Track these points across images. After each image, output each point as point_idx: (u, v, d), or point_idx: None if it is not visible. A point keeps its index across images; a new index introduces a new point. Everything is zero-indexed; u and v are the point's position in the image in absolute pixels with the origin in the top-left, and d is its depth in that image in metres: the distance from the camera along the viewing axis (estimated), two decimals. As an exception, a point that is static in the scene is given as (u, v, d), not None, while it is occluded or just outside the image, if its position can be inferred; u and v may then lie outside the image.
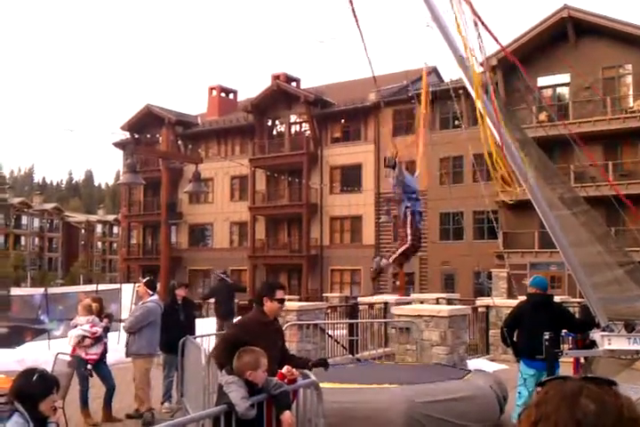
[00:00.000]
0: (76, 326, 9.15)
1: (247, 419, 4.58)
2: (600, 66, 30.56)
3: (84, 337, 8.98)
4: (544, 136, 18.93)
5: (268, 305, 5.63)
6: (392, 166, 8.53)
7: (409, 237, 8.31)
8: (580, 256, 6.07)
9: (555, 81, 31.84)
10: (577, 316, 14.58)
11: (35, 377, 3.99)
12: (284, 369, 5.26)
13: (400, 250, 8.24)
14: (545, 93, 33.07)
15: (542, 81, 31.79)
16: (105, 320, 9.43)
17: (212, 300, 16.32)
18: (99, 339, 9.15)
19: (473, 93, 5.44)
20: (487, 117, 5.42)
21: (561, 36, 30.86)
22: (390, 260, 8.17)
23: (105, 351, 9.28)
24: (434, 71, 40.69)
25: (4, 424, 3.86)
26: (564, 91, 32.62)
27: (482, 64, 5.89)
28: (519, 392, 7.69)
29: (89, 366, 8.99)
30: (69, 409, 8.05)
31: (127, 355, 9.38)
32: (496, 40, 5.10)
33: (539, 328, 6.80)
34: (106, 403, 9.10)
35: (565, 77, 31.61)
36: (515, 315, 7.98)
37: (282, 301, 5.71)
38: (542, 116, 30.43)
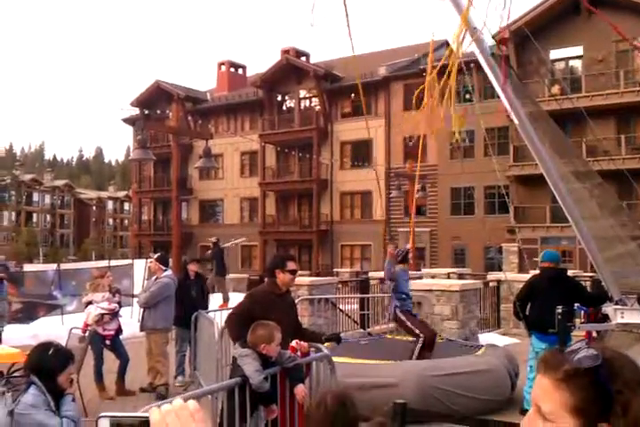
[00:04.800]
0: (90, 303, 9.21)
1: (261, 391, 4.62)
2: (613, 38, 30.12)
3: (102, 315, 9.07)
4: (556, 109, 18.74)
5: (280, 277, 5.64)
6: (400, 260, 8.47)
7: (418, 332, 8.24)
8: (592, 230, 6.03)
9: (567, 54, 31.45)
10: (589, 290, 14.61)
11: (51, 351, 4.03)
12: (294, 342, 5.28)
13: (417, 348, 8.18)
14: (557, 66, 32.70)
15: (554, 54, 31.40)
16: (117, 295, 9.51)
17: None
18: (115, 314, 9.26)
19: (486, 67, 5.36)
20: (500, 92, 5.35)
21: (573, 9, 30.39)
22: (415, 355, 8.15)
23: (120, 326, 9.38)
24: (445, 44, 40.28)
25: (21, 397, 3.91)
26: (577, 64, 32.22)
27: (494, 37, 5.79)
28: (531, 366, 7.71)
29: (107, 342, 9.09)
30: (83, 383, 8.15)
31: (142, 329, 9.45)
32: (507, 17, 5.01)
33: (552, 302, 6.80)
34: (119, 377, 9.20)
35: (578, 50, 31.21)
36: (527, 289, 7.95)
37: (294, 271, 5.71)
38: (555, 90, 30.13)
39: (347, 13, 5.50)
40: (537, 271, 8.32)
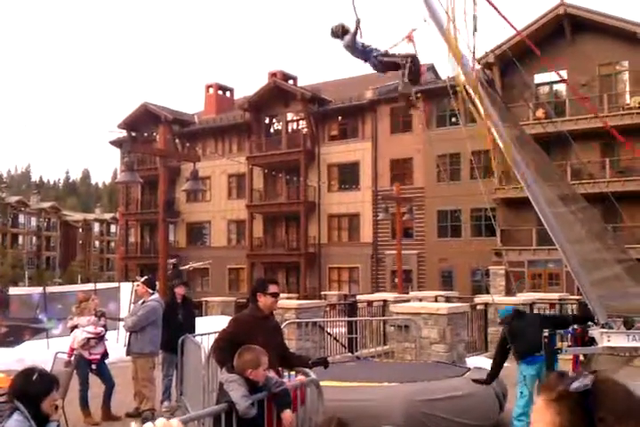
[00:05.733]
0: (76, 327, 9.14)
1: (248, 417, 4.59)
2: (597, 63, 30.57)
3: (88, 339, 9.00)
4: (541, 133, 18.92)
5: (262, 300, 5.65)
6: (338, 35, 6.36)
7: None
8: (578, 253, 6.08)
9: (551, 78, 31.84)
10: (575, 312, 14.65)
11: (35, 376, 3.99)
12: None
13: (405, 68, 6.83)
14: (542, 90, 33.08)
15: (539, 78, 31.79)
16: (102, 319, 9.45)
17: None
18: (101, 338, 9.19)
19: (471, 92, 5.44)
20: (479, 115, 5.42)
21: (558, 33, 30.85)
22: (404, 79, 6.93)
23: (106, 350, 9.30)
24: (431, 69, 40.69)
25: (4, 423, 3.86)
26: (561, 88, 32.62)
27: (478, 61, 5.89)
28: (521, 392, 7.72)
29: (93, 366, 9.01)
30: (69, 408, 8.06)
31: (128, 354, 9.37)
32: (511, 26, 5.09)
33: (533, 331, 6.94)
34: (105, 402, 9.10)
35: (562, 74, 31.62)
36: (503, 339, 8.12)
37: (275, 295, 5.72)
38: (539, 113, 30.44)
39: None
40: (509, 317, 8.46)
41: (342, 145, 39.08)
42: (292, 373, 6.02)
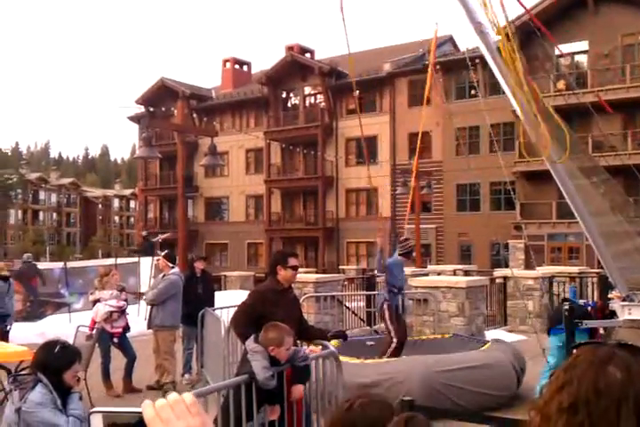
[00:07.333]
0: (98, 301, 9.23)
1: (267, 389, 4.62)
2: (619, 33, 29.98)
3: (111, 312, 9.09)
4: (563, 105, 18.65)
5: (282, 273, 5.65)
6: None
7: (393, 335, 8.14)
8: (599, 226, 6.01)
9: (573, 49, 31.31)
10: (596, 286, 14.58)
11: (57, 349, 4.03)
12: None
13: (390, 350, 8.08)
14: (563, 61, 32.57)
15: (560, 49, 31.26)
16: (123, 293, 9.53)
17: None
18: (123, 312, 9.29)
19: (491, 62, 5.33)
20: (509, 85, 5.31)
21: (580, 3, 30.26)
22: (387, 355, 8.05)
23: (127, 324, 9.40)
24: (449, 40, 40.17)
25: (28, 395, 3.91)
26: (583, 58, 32.09)
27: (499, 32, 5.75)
28: (548, 362, 7.71)
29: (115, 340, 9.12)
30: (91, 381, 8.18)
31: (149, 327, 9.46)
32: (521, 4, 4.98)
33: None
34: (127, 374, 9.22)
35: (584, 45, 31.08)
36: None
37: (295, 268, 5.71)
38: (560, 85, 30.01)
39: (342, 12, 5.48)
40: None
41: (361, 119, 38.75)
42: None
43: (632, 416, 1.11)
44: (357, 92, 36.83)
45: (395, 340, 8.14)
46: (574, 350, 1.29)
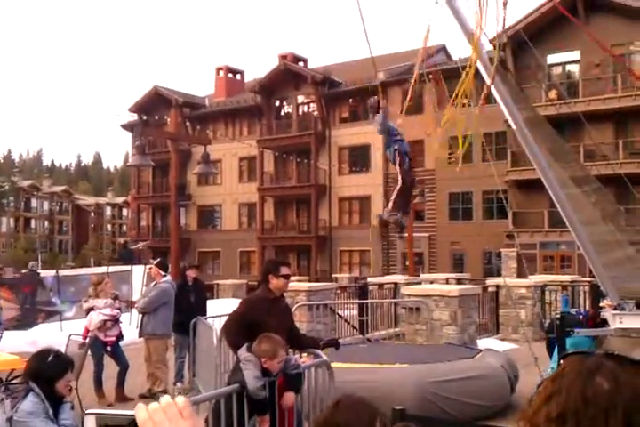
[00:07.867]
0: (92, 309, 9.20)
1: (258, 399, 4.61)
2: (610, 43, 30.17)
3: (105, 321, 9.06)
4: (554, 114, 18.75)
5: (274, 282, 5.64)
6: (374, 111, 7.73)
7: (399, 178, 7.80)
8: (590, 235, 6.04)
9: (564, 58, 31.51)
10: (587, 294, 14.61)
11: (50, 357, 4.02)
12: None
13: (394, 195, 7.75)
14: (554, 71, 32.76)
15: (552, 58, 31.48)
16: (117, 301, 9.51)
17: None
18: (116, 320, 9.26)
19: (483, 72, 5.38)
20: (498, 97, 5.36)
21: (571, 13, 30.41)
22: (390, 206, 7.70)
23: (121, 333, 9.38)
24: (442, 49, 40.35)
25: (19, 404, 3.90)
26: (574, 68, 32.29)
27: (491, 42, 5.81)
28: (552, 368, 7.70)
29: (108, 348, 9.09)
30: (82, 389, 8.14)
31: (141, 335, 9.44)
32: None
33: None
34: (119, 383, 9.18)
35: (575, 55, 31.27)
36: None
37: (287, 276, 5.70)
38: (552, 94, 30.18)
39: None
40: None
41: (353, 128, 38.88)
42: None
43: (620, 426, 1.12)
44: (351, 99, 36.85)
45: (399, 183, 7.73)
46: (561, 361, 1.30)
